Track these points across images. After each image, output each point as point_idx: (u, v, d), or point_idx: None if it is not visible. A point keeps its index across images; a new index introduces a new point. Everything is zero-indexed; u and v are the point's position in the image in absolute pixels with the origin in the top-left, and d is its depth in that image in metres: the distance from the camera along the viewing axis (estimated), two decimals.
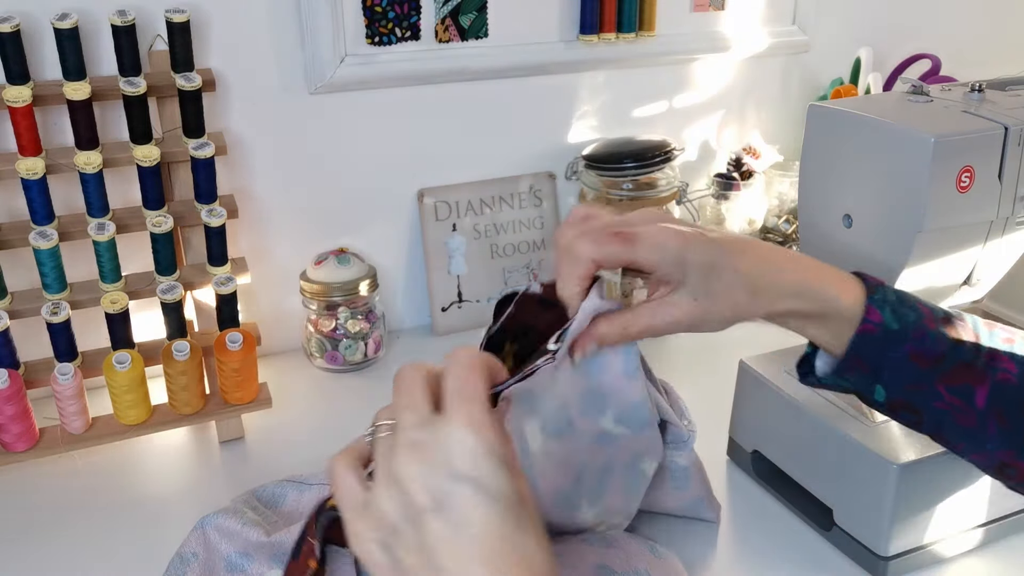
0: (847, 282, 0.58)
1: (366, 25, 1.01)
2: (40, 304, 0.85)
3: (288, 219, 1.05)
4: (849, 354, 0.58)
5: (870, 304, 0.57)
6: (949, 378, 0.57)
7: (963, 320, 0.59)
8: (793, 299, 0.57)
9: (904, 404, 0.59)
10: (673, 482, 0.74)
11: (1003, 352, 0.58)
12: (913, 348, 0.57)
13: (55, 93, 0.85)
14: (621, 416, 0.67)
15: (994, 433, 0.58)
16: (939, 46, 1.27)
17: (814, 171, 0.75)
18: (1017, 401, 0.57)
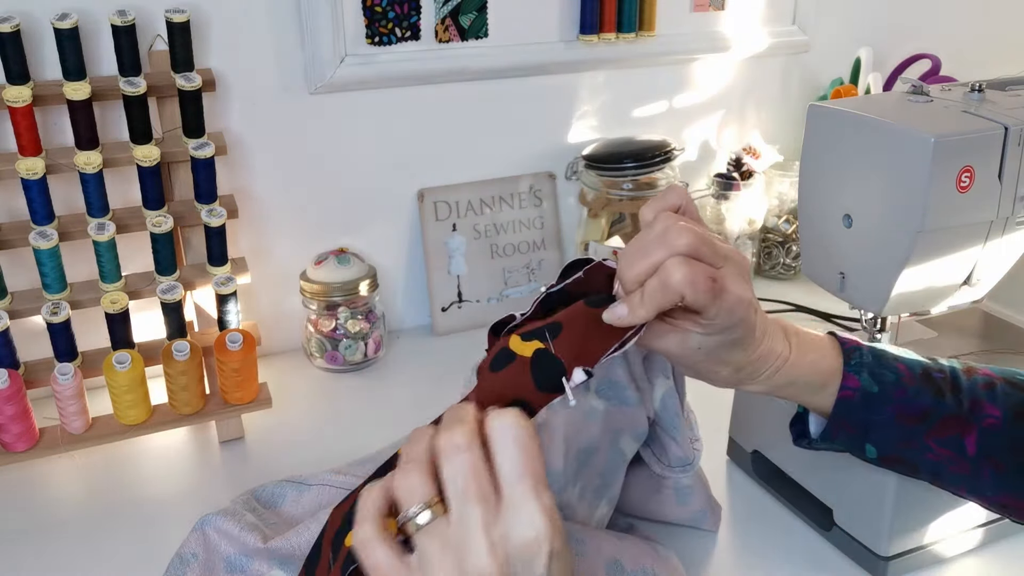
0: (823, 359, 0.59)
1: (366, 25, 1.01)
2: (40, 304, 0.85)
3: (288, 219, 1.05)
4: (832, 420, 0.59)
5: (847, 371, 0.58)
6: (937, 431, 0.58)
7: (942, 371, 0.60)
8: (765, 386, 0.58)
9: (897, 459, 0.60)
10: (678, 499, 0.74)
11: (984, 399, 0.59)
12: (896, 409, 0.58)
13: (55, 93, 0.85)
14: (601, 390, 0.66)
15: (989, 479, 0.59)
16: (939, 46, 1.27)
17: (814, 171, 0.75)
18: (1006, 444, 0.58)
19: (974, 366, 0.62)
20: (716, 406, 0.86)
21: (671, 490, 0.73)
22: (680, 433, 0.70)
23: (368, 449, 0.83)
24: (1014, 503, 0.59)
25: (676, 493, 0.73)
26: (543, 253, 1.17)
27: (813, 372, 0.58)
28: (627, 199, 1.10)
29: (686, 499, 0.74)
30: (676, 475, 0.72)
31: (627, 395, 0.67)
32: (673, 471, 0.71)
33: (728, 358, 0.55)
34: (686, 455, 0.71)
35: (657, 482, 0.74)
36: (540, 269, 1.17)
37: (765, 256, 1.28)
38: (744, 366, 0.56)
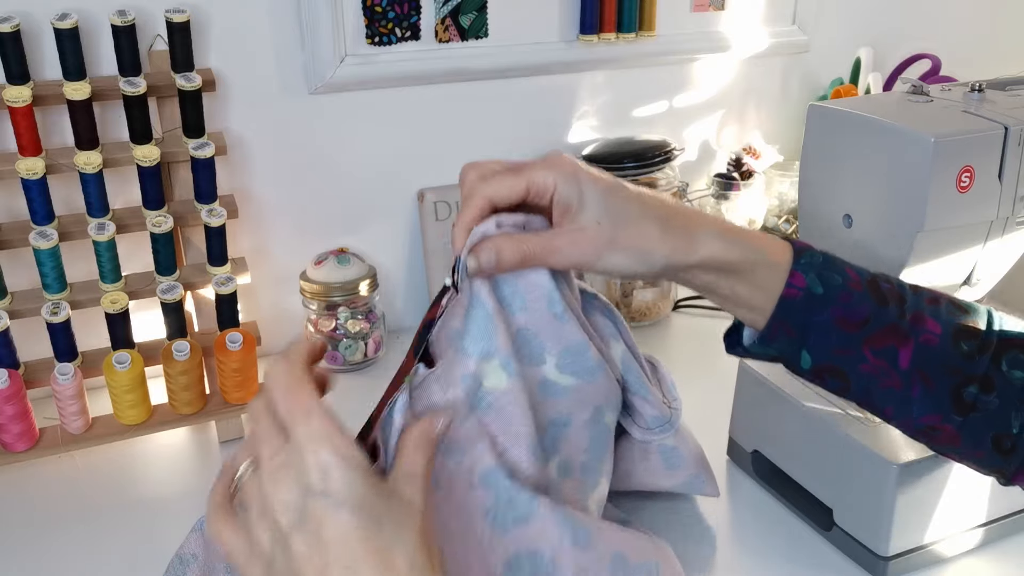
0: (775, 242, 0.58)
1: (366, 25, 1.01)
2: (40, 304, 0.85)
3: (288, 219, 1.05)
4: (773, 319, 0.57)
5: (795, 268, 0.56)
6: (874, 340, 0.57)
7: (889, 282, 0.58)
8: (715, 242, 0.56)
9: (830, 369, 0.58)
10: (665, 463, 0.72)
11: (927, 313, 0.57)
12: (838, 311, 0.56)
13: (55, 93, 0.85)
14: (563, 363, 0.63)
15: (918, 395, 0.57)
16: (939, 46, 1.27)
17: (814, 171, 0.75)
18: (940, 362, 0.57)
19: (922, 286, 0.60)
20: (716, 406, 0.86)
21: (657, 454, 0.72)
22: (648, 392, 0.68)
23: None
24: (939, 425, 0.58)
25: (663, 457, 0.72)
26: None
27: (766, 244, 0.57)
28: None
29: (675, 462, 0.72)
30: (657, 437, 0.70)
31: (590, 361, 0.63)
32: (653, 432, 0.70)
33: (628, 210, 0.55)
34: (661, 414, 0.69)
35: (642, 449, 0.72)
36: None
37: None
38: (663, 216, 0.56)
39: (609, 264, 0.56)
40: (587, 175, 0.56)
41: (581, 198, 0.55)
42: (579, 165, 0.56)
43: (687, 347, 1.08)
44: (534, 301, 0.60)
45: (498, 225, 0.57)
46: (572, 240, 0.56)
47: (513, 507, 0.57)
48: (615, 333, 0.68)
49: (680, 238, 0.56)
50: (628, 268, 0.56)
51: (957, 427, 0.57)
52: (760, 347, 0.59)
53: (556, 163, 0.56)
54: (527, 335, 0.61)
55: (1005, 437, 0.57)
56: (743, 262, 0.56)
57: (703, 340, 1.09)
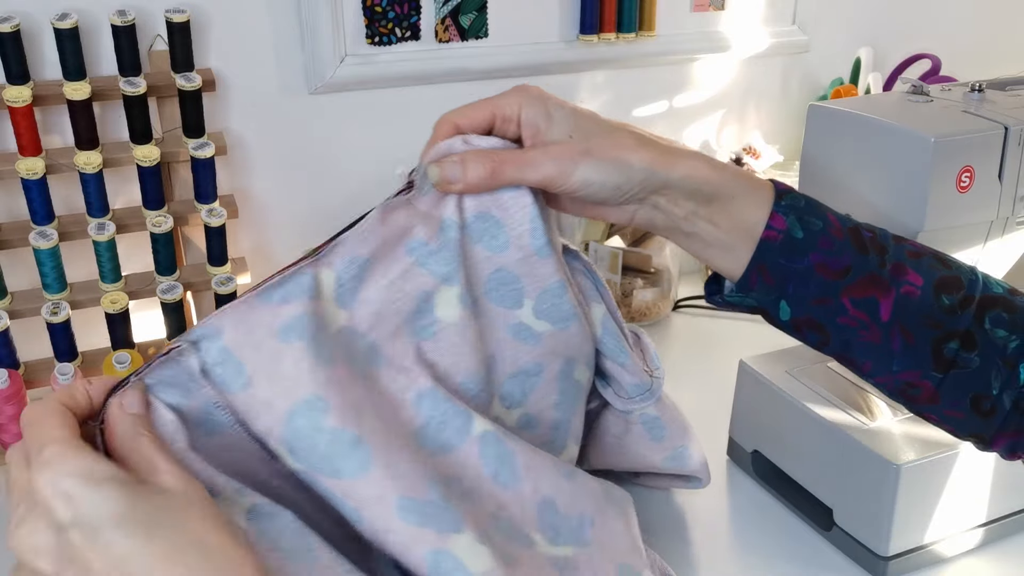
0: (757, 179, 0.56)
1: (366, 25, 1.01)
2: (40, 304, 0.85)
3: (288, 219, 1.05)
4: (752, 264, 0.55)
5: (775, 211, 0.54)
6: (854, 290, 0.55)
7: (872, 231, 0.56)
8: (695, 161, 0.54)
9: (809, 322, 0.56)
10: (649, 433, 0.70)
11: (909, 265, 0.55)
12: (818, 258, 0.54)
13: (55, 93, 0.85)
14: (541, 307, 0.60)
15: (898, 349, 0.55)
16: (939, 46, 1.27)
17: (814, 171, 0.75)
18: (921, 315, 0.55)
19: (906, 238, 0.58)
20: (716, 406, 0.86)
21: (639, 424, 0.70)
22: (628, 358, 0.66)
23: None
24: (918, 382, 0.56)
25: (645, 428, 0.70)
26: None
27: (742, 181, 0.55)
28: None
29: (658, 433, 0.70)
30: (638, 406, 0.68)
31: (567, 305, 0.61)
32: (634, 401, 0.68)
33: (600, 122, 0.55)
34: (642, 381, 0.67)
35: (624, 420, 0.70)
36: None
37: None
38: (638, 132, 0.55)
39: (587, 176, 0.53)
40: (554, 99, 0.55)
41: (549, 117, 0.54)
42: (544, 92, 0.55)
43: (687, 347, 1.08)
44: (519, 236, 0.57)
45: (465, 142, 0.55)
46: (544, 151, 0.53)
47: (442, 431, 0.54)
48: (596, 295, 0.66)
49: (659, 151, 0.54)
50: (607, 180, 0.53)
51: (936, 384, 0.56)
52: (739, 295, 0.57)
53: (521, 89, 0.55)
54: (507, 276, 0.58)
55: (984, 398, 0.55)
56: (724, 188, 0.54)
57: (703, 340, 1.09)
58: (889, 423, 0.72)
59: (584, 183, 0.53)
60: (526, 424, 0.63)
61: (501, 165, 0.53)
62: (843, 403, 0.75)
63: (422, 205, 0.57)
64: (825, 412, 0.74)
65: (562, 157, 0.53)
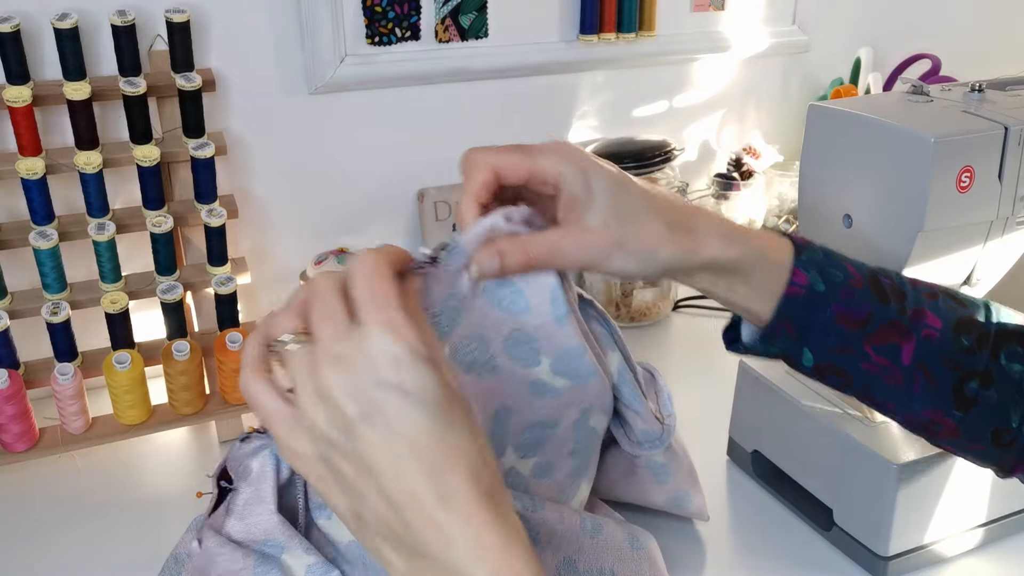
0: (775, 239, 0.57)
1: (366, 25, 1.01)
2: (40, 304, 0.85)
3: (288, 219, 1.05)
4: (775, 318, 0.56)
5: (796, 266, 0.56)
6: (876, 338, 0.56)
7: (889, 277, 0.58)
8: (718, 242, 0.55)
9: (832, 368, 0.58)
10: (654, 477, 0.71)
11: (927, 308, 0.57)
12: (840, 309, 0.56)
13: (55, 93, 0.85)
14: (559, 366, 0.62)
15: (919, 391, 0.57)
16: (939, 46, 1.27)
17: (814, 171, 0.75)
18: (941, 357, 0.57)
19: (919, 280, 0.60)
20: (716, 406, 0.86)
21: (644, 469, 0.71)
22: (641, 405, 0.67)
23: None
24: (940, 419, 0.58)
25: (650, 472, 0.71)
26: None
27: (768, 243, 0.56)
28: None
29: (663, 477, 0.71)
30: (646, 452, 0.69)
31: (585, 364, 0.62)
32: (642, 447, 0.69)
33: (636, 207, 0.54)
34: (652, 429, 0.68)
35: (630, 463, 0.71)
36: None
37: None
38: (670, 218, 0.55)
39: (615, 266, 0.55)
40: (595, 168, 0.54)
41: (590, 194, 0.54)
42: (587, 156, 0.55)
43: (687, 347, 1.08)
44: (539, 304, 0.59)
45: (507, 219, 0.54)
46: (579, 242, 0.54)
47: None
48: (611, 343, 0.67)
49: (684, 238, 0.55)
50: (633, 270, 0.55)
51: (957, 422, 0.58)
52: (761, 345, 0.59)
53: (564, 152, 0.54)
54: (524, 336, 0.60)
55: (1004, 431, 0.58)
56: (744, 262, 0.56)
57: (703, 340, 1.09)
58: (889, 423, 0.72)
59: (612, 272, 0.55)
60: (541, 472, 0.65)
61: (536, 257, 0.54)
62: (843, 403, 0.75)
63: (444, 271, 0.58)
64: (825, 412, 0.74)
65: (595, 249, 0.54)
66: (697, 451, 0.76)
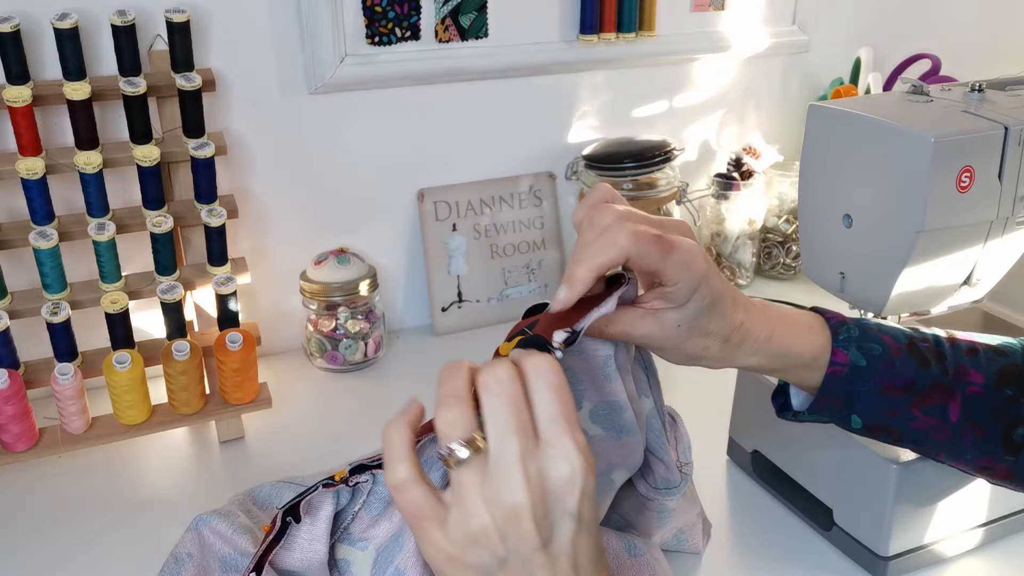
0: (811, 332, 0.59)
1: (366, 25, 1.01)
2: (40, 304, 0.85)
3: (288, 219, 1.05)
4: (821, 394, 0.60)
5: (836, 347, 0.59)
6: (921, 401, 0.59)
7: (926, 340, 0.61)
8: (759, 357, 0.58)
9: (881, 428, 0.61)
10: (659, 520, 0.72)
11: (968, 365, 0.60)
12: (883, 380, 0.59)
13: (55, 93, 0.85)
14: (597, 414, 0.63)
15: (969, 443, 0.60)
16: (939, 46, 1.27)
17: (814, 171, 0.75)
18: (987, 409, 0.59)
19: (955, 334, 0.62)
20: (716, 406, 0.86)
21: (654, 512, 0.71)
22: (665, 453, 0.67)
23: (367, 449, 0.83)
24: (992, 465, 0.61)
25: (659, 515, 0.71)
26: (543, 253, 1.17)
27: (803, 344, 0.58)
28: (627, 199, 1.10)
29: (666, 521, 0.72)
30: (662, 498, 0.69)
31: (625, 421, 0.63)
32: (659, 493, 0.69)
33: (710, 327, 0.55)
34: (672, 477, 0.68)
35: (642, 502, 0.71)
36: (540, 269, 1.17)
37: (765, 256, 1.28)
38: (730, 335, 0.56)
39: (662, 356, 0.59)
40: (707, 284, 0.53)
41: (686, 304, 0.54)
42: (710, 268, 0.53)
43: None
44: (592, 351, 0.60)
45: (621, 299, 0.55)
46: (649, 332, 0.55)
47: None
48: (647, 388, 0.67)
49: (733, 352, 0.57)
50: (674, 362, 0.59)
51: (1010, 466, 0.61)
52: (811, 416, 0.62)
53: (691, 262, 0.52)
54: (571, 376, 0.61)
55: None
56: (782, 368, 0.59)
57: None
58: None
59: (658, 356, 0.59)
60: None
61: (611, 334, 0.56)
62: None
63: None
64: None
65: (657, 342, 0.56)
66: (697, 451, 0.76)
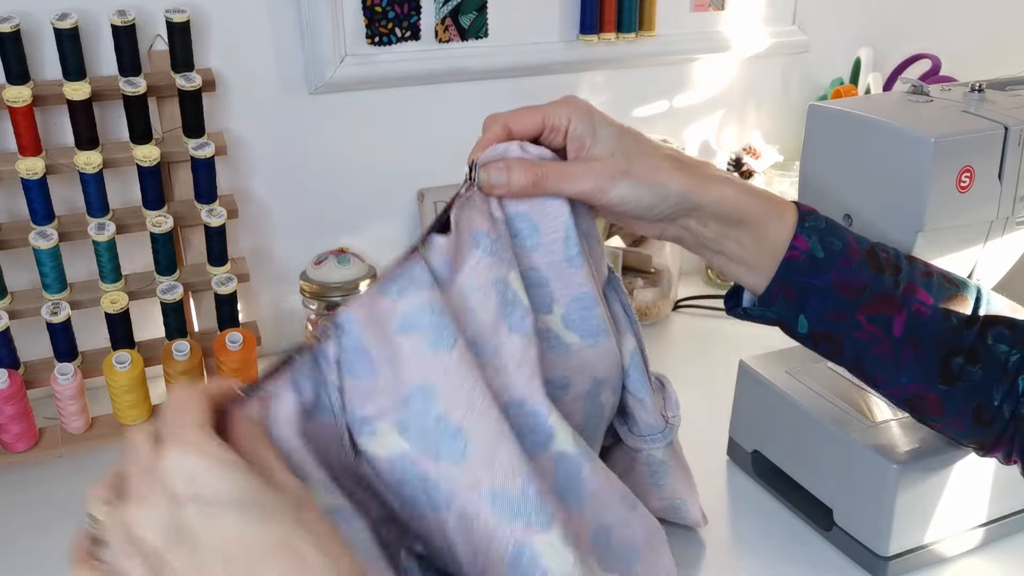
0: (782, 201, 0.59)
1: (366, 25, 1.01)
2: (40, 304, 0.85)
3: (288, 219, 1.05)
4: (774, 281, 0.58)
5: (799, 231, 0.58)
6: (869, 307, 0.58)
7: (887, 251, 0.60)
8: (729, 188, 0.57)
9: (825, 335, 0.60)
10: (652, 477, 0.70)
11: (920, 285, 0.59)
12: (837, 276, 0.58)
13: (55, 93, 0.85)
14: (570, 316, 0.61)
15: (908, 362, 0.59)
16: (939, 46, 1.27)
17: (814, 171, 0.75)
18: (930, 332, 0.59)
19: (917, 258, 0.62)
20: (716, 406, 0.86)
21: (644, 465, 0.70)
22: (648, 396, 0.67)
23: None
24: (925, 393, 0.60)
25: (650, 469, 0.70)
26: None
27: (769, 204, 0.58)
28: None
29: (661, 478, 0.70)
30: (647, 446, 0.68)
31: (597, 320, 0.61)
32: (644, 440, 0.68)
33: (639, 148, 0.57)
34: (655, 423, 0.67)
35: (630, 458, 0.70)
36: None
37: None
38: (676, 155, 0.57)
39: (623, 194, 0.56)
40: (600, 115, 0.58)
41: (595, 133, 0.57)
42: (592, 106, 0.58)
43: (687, 347, 1.08)
44: (551, 243, 0.59)
45: (522, 148, 0.57)
46: (586, 167, 0.56)
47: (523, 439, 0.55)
48: (628, 328, 0.66)
49: (694, 176, 0.57)
50: (642, 200, 0.56)
51: (941, 395, 0.60)
52: (760, 309, 0.61)
53: (570, 102, 0.58)
54: (538, 277, 0.59)
55: (986, 408, 0.60)
56: (752, 213, 0.58)
57: (703, 340, 1.09)
58: (889, 423, 0.72)
59: (620, 200, 0.56)
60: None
61: (544, 176, 0.56)
62: (843, 403, 0.75)
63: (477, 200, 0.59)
64: (825, 412, 0.74)
65: (602, 174, 0.56)
66: (697, 451, 0.76)
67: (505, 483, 0.52)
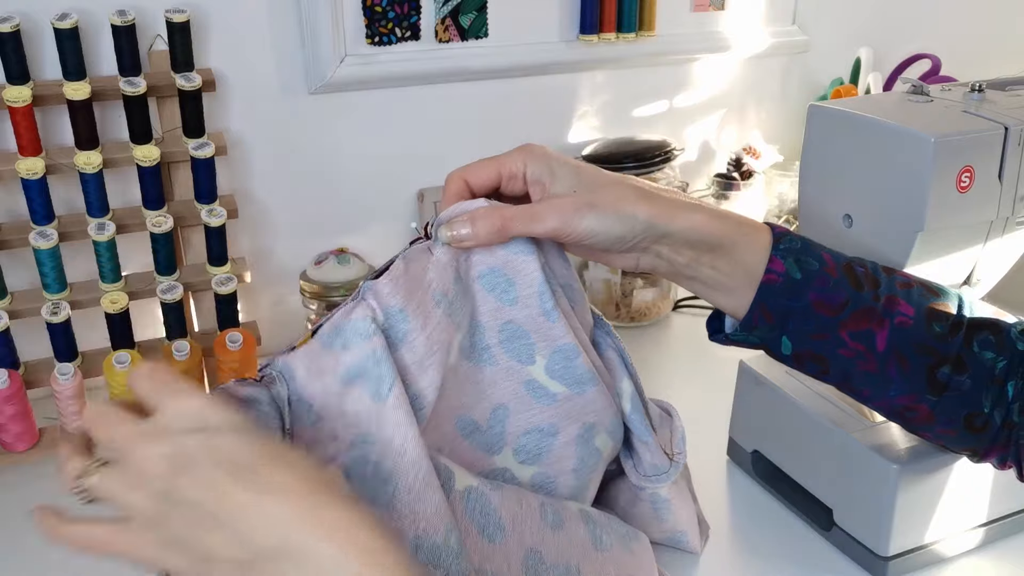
0: (755, 224, 0.59)
1: (366, 25, 1.01)
2: (40, 304, 0.85)
3: (288, 219, 1.05)
4: (754, 306, 0.58)
5: (773, 255, 0.58)
6: (851, 324, 0.58)
7: (864, 266, 0.60)
8: (698, 215, 0.56)
9: (810, 355, 0.60)
10: (656, 512, 0.70)
11: (900, 296, 0.59)
12: (816, 296, 0.58)
13: (55, 93, 0.85)
14: (553, 367, 0.61)
15: (895, 376, 0.59)
16: (939, 46, 1.27)
17: (814, 171, 0.75)
18: (914, 343, 0.58)
19: (895, 270, 0.62)
20: (716, 406, 0.86)
21: (648, 503, 0.70)
22: (651, 437, 0.66)
23: None
24: (915, 405, 0.60)
25: (654, 507, 0.70)
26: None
27: (740, 228, 0.58)
28: None
29: (664, 514, 0.70)
30: (652, 485, 0.68)
31: (581, 368, 0.62)
32: (649, 480, 0.68)
33: (601, 179, 0.57)
34: (659, 463, 0.67)
35: (634, 494, 0.70)
36: None
37: None
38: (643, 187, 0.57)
39: (591, 227, 0.55)
40: (556, 157, 0.58)
41: (553, 173, 0.57)
42: (548, 150, 0.58)
43: (687, 347, 1.08)
44: (527, 297, 0.59)
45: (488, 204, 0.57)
46: (550, 204, 0.56)
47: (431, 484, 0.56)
48: (624, 371, 0.66)
49: (659, 204, 0.56)
50: (611, 230, 0.56)
51: (931, 406, 0.59)
52: (741, 334, 0.61)
53: (524, 148, 0.58)
54: (518, 330, 0.60)
55: (977, 416, 0.59)
56: (724, 237, 0.57)
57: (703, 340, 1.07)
58: (889, 423, 0.72)
59: (589, 232, 0.56)
60: (542, 485, 0.65)
61: (510, 219, 0.56)
62: (843, 403, 0.75)
63: (439, 255, 0.58)
64: (825, 412, 0.74)
65: (566, 210, 0.55)
66: (697, 451, 0.76)
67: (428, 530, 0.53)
